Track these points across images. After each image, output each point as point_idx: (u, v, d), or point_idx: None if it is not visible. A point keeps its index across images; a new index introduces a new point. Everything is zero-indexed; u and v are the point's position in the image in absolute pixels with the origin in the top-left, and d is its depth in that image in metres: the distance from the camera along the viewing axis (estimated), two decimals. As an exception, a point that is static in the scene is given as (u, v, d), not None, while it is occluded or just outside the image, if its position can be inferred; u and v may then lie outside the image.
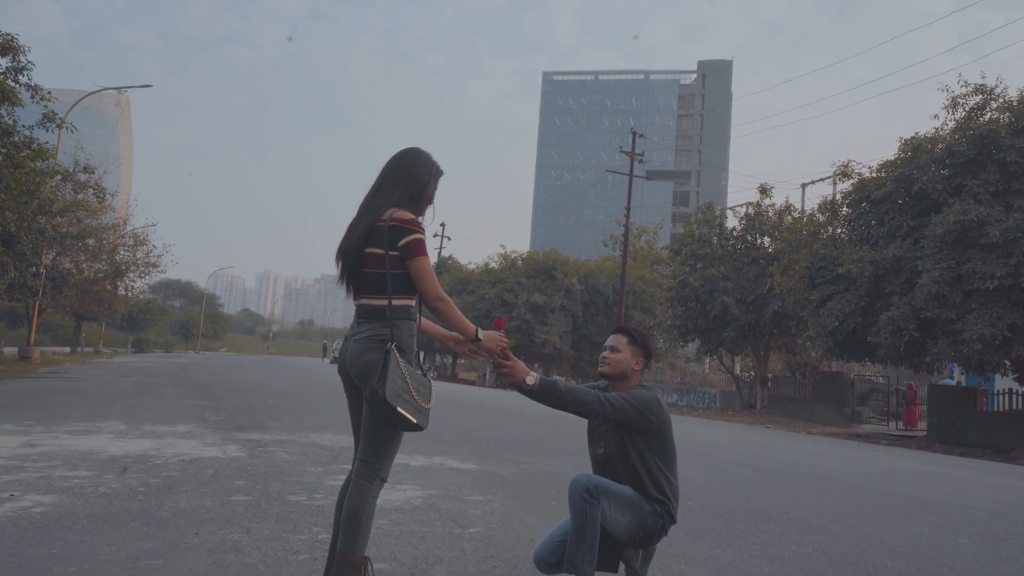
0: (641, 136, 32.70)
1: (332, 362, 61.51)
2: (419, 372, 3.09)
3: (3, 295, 22.81)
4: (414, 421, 2.98)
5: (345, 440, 8.71)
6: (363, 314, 3.14)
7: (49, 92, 14.03)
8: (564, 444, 9.90)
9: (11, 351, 33.46)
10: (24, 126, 14.02)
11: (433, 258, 58.36)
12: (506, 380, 3.20)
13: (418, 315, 3.20)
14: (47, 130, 14.43)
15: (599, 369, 3.49)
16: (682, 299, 26.63)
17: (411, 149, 3.32)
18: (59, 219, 25.69)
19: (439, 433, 10.16)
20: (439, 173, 3.31)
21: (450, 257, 51.69)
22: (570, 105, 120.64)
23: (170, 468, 6.30)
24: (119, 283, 32.80)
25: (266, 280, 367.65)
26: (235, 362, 41.10)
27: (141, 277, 34.67)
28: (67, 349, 47.63)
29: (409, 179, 3.21)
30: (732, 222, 28.02)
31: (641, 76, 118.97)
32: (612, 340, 3.48)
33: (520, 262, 39.98)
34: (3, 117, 13.46)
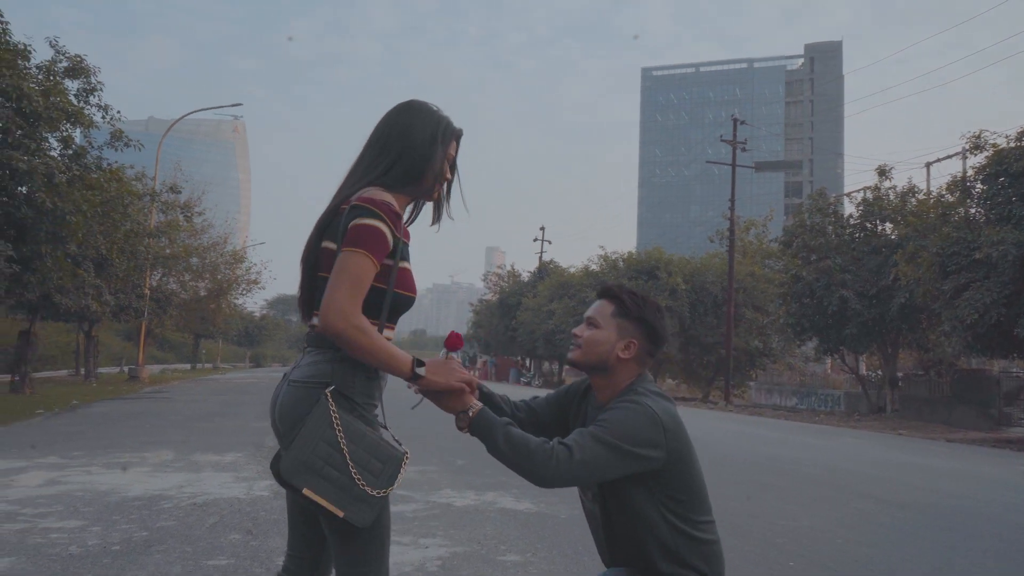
0: (743, 123, 30.63)
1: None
2: (380, 437, 1.91)
3: (109, 317, 23.34)
4: (339, 513, 1.81)
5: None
6: (309, 340, 2.03)
7: (118, 112, 13.94)
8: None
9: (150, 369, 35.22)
10: (94, 147, 13.98)
11: (533, 263, 57.56)
12: (447, 411, 1.99)
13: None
14: (116, 149, 14.36)
15: (568, 356, 2.21)
16: (795, 295, 24.52)
17: (405, 103, 2.15)
18: (163, 241, 26.27)
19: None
20: (452, 134, 2.13)
21: (551, 261, 50.61)
22: (671, 100, 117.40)
23: (173, 515, 5.49)
24: (222, 301, 33.49)
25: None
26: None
27: (243, 294, 35.32)
28: (188, 366, 49.52)
29: (401, 146, 2.06)
30: (849, 209, 25.68)
31: (744, 65, 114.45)
32: (592, 309, 2.20)
33: (621, 263, 38.43)
34: (75, 140, 13.43)
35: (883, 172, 23.96)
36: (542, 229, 51.42)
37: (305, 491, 1.80)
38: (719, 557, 2.08)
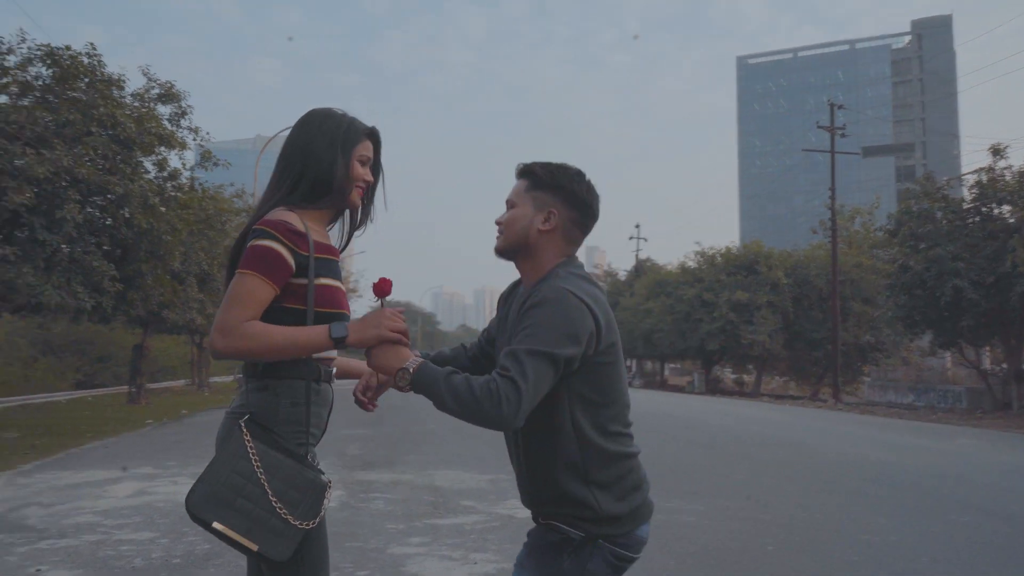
0: (841, 107, 29.20)
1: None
2: (300, 467, 1.84)
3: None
4: (252, 547, 1.75)
5: (466, 479, 7.69)
6: (243, 371, 2.01)
7: (207, 133, 14.61)
8: (733, 476, 8.23)
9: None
10: (187, 168, 14.71)
11: (630, 261, 56.45)
12: (383, 373, 1.83)
13: (319, 371, 1.95)
14: (206, 169, 15.09)
15: (494, 248, 2.04)
16: (904, 286, 23.15)
17: (303, 116, 2.07)
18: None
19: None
20: (356, 136, 2.02)
21: (647, 259, 49.82)
22: (769, 88, 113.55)
23: (239, 527, 5.58)
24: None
25: (483, 295, 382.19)
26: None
27: (343, 303, 36.32)
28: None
29: (303, 162, 1.99)
30: (962, 192, 24.04)
31: (846, 46, 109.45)
32: (510, 192, 2.03)
33: (719, 258, 37.38)
34: (169, 162, 14.11)
35: (997, 151, 22.36)
36: (637, 227, 50.76)
37: (215, 525, 1.74)
38: (631, 473, 1.87)
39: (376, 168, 2.12)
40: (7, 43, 11.67)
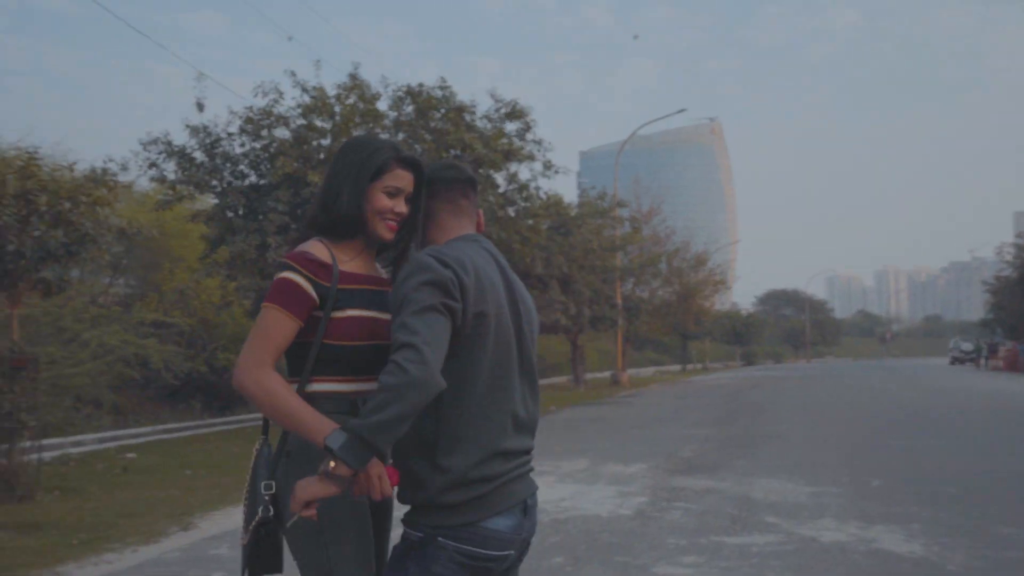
0: None
1: (952, 363, 54.27)
2: (263, 493, 1.85)
3: (586, 327, 25.68)
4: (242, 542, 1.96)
5: (786, 491, 6.94)
6: None
7: (549, 143, 15.34)
8: None
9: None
10: (534, 178, 15.58)
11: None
12: (319, 491, 1.66)
13: (355, 406, 1.91)
14: (548, 177, 15.92)
15: None
16: None
17: (343, 143, 2.08)
18: (623, 253, 28.02)
19: (935, 476, 7.42)
20: (378, 165, 1.91)
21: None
22: None
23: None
24: (691, 303, 34.34)
25: (885, 277, 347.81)
26: (824, 372, 39.29)
27: (710, 296, 36.00)
28: (678, 367, 51.84)
29: (324, 191, 1.97)
30: None
31: None
32: None
33: None
34: (518, 175, 15.10)
35: None
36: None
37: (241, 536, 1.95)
38: (486, 466, 1.75)
39: (416, 198, 1.98)
40: (375, 89, 13.47)
